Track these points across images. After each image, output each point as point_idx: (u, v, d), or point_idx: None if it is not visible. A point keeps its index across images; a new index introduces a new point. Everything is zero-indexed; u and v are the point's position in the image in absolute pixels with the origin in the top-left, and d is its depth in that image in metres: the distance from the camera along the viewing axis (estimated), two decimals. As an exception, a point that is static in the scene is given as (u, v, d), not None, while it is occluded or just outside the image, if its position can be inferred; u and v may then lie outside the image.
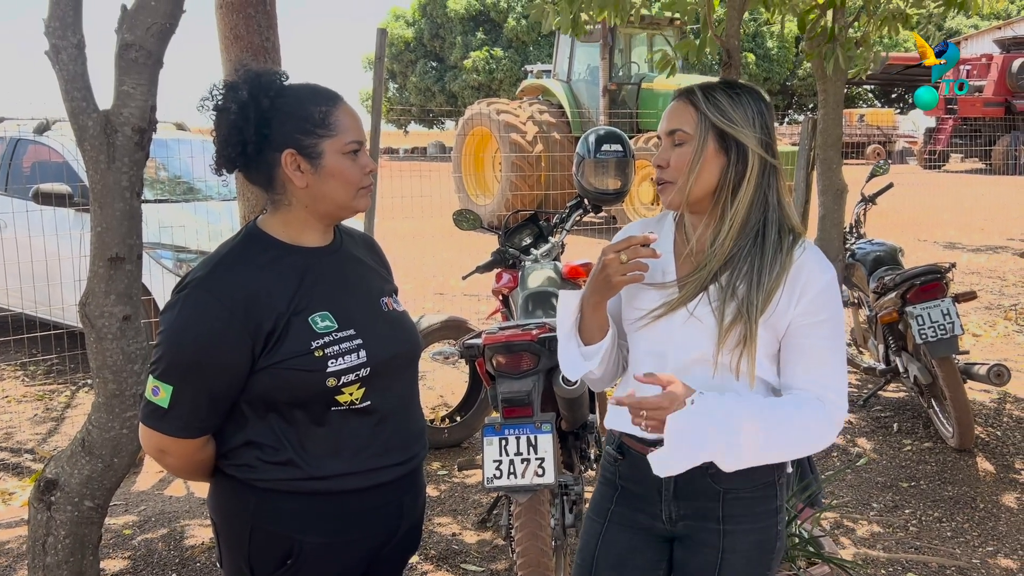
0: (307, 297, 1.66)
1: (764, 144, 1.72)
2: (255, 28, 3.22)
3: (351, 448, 1.68)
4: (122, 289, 2.55)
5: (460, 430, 4.69)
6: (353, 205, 1.72)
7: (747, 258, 1.69)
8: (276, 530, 1.67)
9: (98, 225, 2.51)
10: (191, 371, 1.59)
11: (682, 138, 1.72)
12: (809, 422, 1.67)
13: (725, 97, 1.71)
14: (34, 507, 2.62)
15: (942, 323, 4.38)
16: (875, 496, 4.05)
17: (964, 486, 4.13)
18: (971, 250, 11.31)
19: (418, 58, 37.41)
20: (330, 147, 1.65)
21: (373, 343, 1.70)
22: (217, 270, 1.64)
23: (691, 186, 1.70)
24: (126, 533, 3.68)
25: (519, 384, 2.73)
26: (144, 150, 2.53)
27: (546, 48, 32.86)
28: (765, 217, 1.71)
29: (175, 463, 1.68)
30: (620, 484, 1.86)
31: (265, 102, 1.62)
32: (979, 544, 3.60)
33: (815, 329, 1.69)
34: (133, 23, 2.44)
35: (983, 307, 7.86)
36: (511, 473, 2.65)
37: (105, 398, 2.59)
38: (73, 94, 2.42)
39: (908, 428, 4.90)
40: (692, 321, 1.71)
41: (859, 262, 5.16)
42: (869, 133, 28.66)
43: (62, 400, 5.48)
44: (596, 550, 1.88)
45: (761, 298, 1.66)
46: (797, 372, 1.71)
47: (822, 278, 1.70)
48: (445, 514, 3.87)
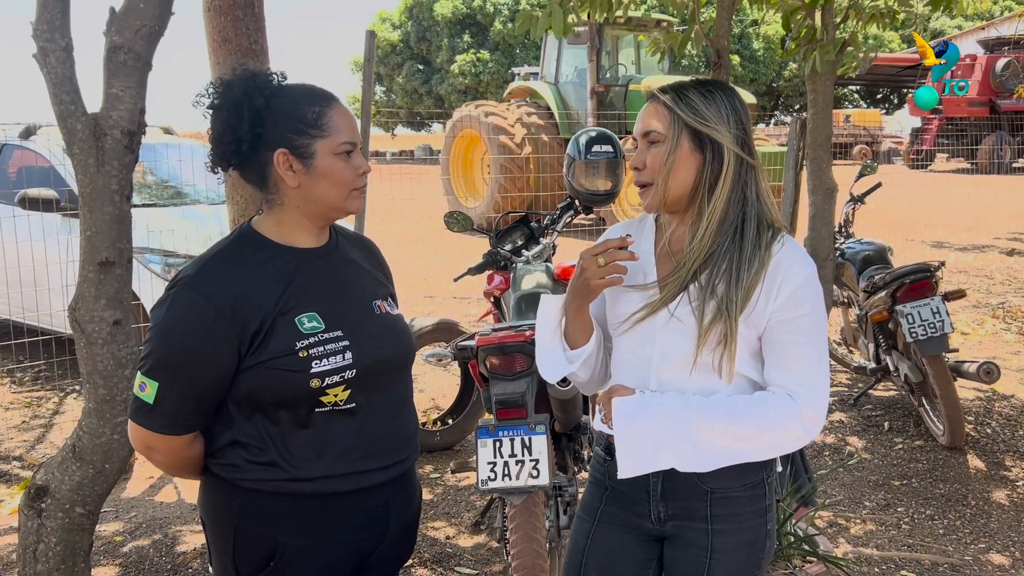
0: (295, 297, 1.66)
1: (739, 141, 1.72)
2: (243, 31, 3.20)
3: (335, 450, 1.67)
4: (112, 293, 2.52)
5: (452, 433, 4.67)
6: (345, 206, 1.71)
7: (726, 255, 1.69)
8: (259, 530, 1.66)
9: (88, 229, 2.48)
10: (177, 368, 1.59)
11: (656, 138, 1.73)
12: (773, 417, 1.67)
13: (697, 96, 1.71)
14: (24, 514, 2.59)
15: (932, 321, 4.40)
16: (867, 494, 4.06)
17: (955, 483, 4.15)
18: (958, 249, 11.38)
19: (404, 61, 37.36)
20: (322, 147, 1.64)
21: (361, 345, 1.69)
22: (207, 269, 1.64)
23: (668, 186, 1.71)
24: (116, 540, 3.65)
25: (513, 385, 2.72)
26: (134, 153, 2.51)
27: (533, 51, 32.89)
28: (744, 213, 1.71)
29: (162, 459, 1.68)
30: (609, 484, 1.86)
31: (260, 101, 1.62)
32: (971, 541, 3.61)
33: (792, 324, 1.69)
34: (121, 25, 2.42)
35: (971, 305, 7.91)
36: (506, 475, 2.64)
37: (96, 403, 2.56)
38: (61, 97, 2.40)
39: (899, 426, 4.92)
40: (673, 322, 1.71)
41: (848, 261, 5.17)
42: (855, 133, 28.81)
43: (49, 407, 5.43)
44: (585, 549, 1.88)
45: (740, 296, 1.66)
46: (774, 368, 1.72)
47: (800, 273, 1.70)
48: (438, 517, 3.85)
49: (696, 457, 1.68)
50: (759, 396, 1.71)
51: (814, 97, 4.37)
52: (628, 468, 1.70)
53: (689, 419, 1.66)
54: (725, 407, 1.68)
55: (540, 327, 1.83)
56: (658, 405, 1.68)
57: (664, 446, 1.67)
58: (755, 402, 1.69)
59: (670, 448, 1.67)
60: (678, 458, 1.68)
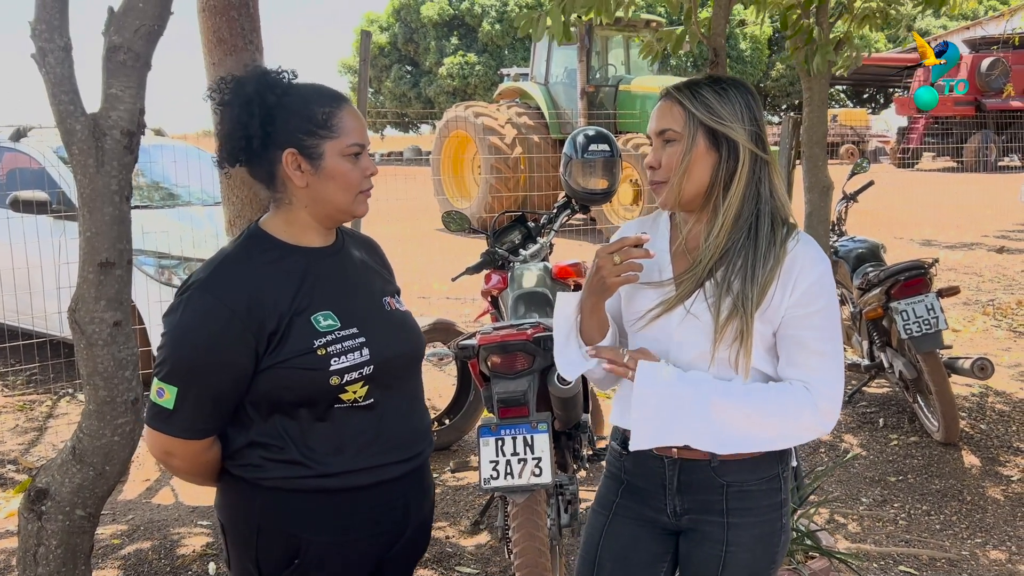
0: (309, 297, 1.66)
1: (754, 137, 1.72)
2: (239, 31, 3.19)
3: (355, 446, 1.67)
4: (112, 294, 2.51)
5: (449, 433, 4.67)
6: (352, 209, 1.71)
7: (741, 252, 1.69)
8: (282, 529, 1.66)
9: (87, 230, 2.47)
10: (195, 373, 1.59)
11: (672, 137, 1.72)
12: (790, 407, 1.68)
13: (712, 94, 1.71)
14: (24, 517, 2.57)
15: (926, 318, 4.42)
16: (864, 491, 4.08)
17: (951, 479, 4.17)
18: (947, 247, 11.45)
19: (392, 63, 37.34)
20: (331, 148, 1.64)
21: (376, 342, 1.69)
22: (218, 271, 1.64)
23: (683, 185, 1.71)
24: (115, 543, 3.63)
25: (515, 384, 2.72)
26: (133, 154, 2.49)
27: (521, 52, 32.92)
28: (758, 210, 1.72)
29: (181, 465, 1.67)
30: (625, 478, 1.87)
31: (271, 99, 1.62)
32: (968, 536, 3.64)
33: (807, 320, 1.70)
34: (121, 25, 2.41)
35: (961, 303, 7.95)
36: (508, 473, 2.64)
37: (96, 405, 2.54)
38: (60, 97, 2.38)
39: (894, 423, 4.94)
40: (689, 319, 1.71)
41: (842, 259, 5.20)
42: (843, 133, 28.88)
43: (43, 410, 5.40)
44: (600, 542, 1.88)
45: (756, 292, 1.67)
46: (789, 365, 1.72)
47: (815, 270, 1.71)
48: (438, 517, 3.84)
49: (711, 437, 1.68)
50: (778, 385, 1.72)
51: (810, 96, 4.40)
52: (643, 438, 1.69)
53: (711, 397, 1.67)
54: (745, 391, 1.69)
55: (557, 325, 1.83)
56: (681, 377, 1.69)
57: (682, 419, 1.67)
58: (774, 391, 1.71)
59: (687, 423, 1.67)
60: (694, 434, 1.68)
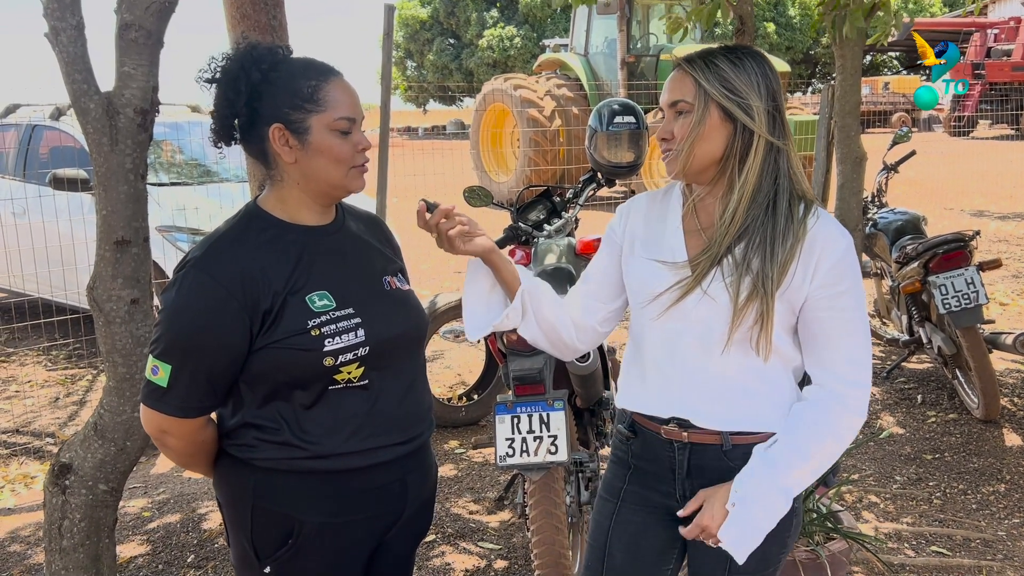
0: (305, 276, 1.64)
1: (770, 110, 1.66)
2: (262, 7, 3.17)
3: (350, 427, 1.66)
4: (129, 272, 2.53)
5: (477, 408, 4.67)
6: (345, 184, 1.67)
7: (760, 229, 1.63)
8: (276, 509, 1.66)
9: (103, 208, 2.49)
10: (189, 350, 1.58)
11: (684, 108, 1.66)
12: (834, 433, 1.65)
13: (727, 64, 1.65)
14: (49, 491, 2.62)
15: (966, 292, 4.29)
16: (898, 469, 3.99)
17: (990, 457, 4.06)
18: (999, 217, 11.11)
19: (434, 36, 37.20)
20: (318, 122, 1.61)
21: (373, 322, 1.67)
22: (214, 249, 1.63)
23: (694, 154, 1.65)
24: (145, 516, 3.70)
25: (530, 361, 2.70)
26: (147, 131, 2.50)
27: (562, 23, 32.53)
28: (777, 185, 1.65)
29: (176, 444, 1.67)
30: (632, 463, 1.83)
31: (256, 75, 1.59)
32: (1005, 516, 3.54)
33: (836, 301, 1.63)
34: (132, 3, 2.40)
35: (1011, 275, 7.72)
36: (524, 451, 2.62)
37: (116, 382, 2.58)
38: (74, 76, 2.40)
39: (932, 400, 4.82)
40: (706, 300, 1.65)
41: (881, 232, 5.06)
42: (894, 101, 28.17)
43: (83, 384, 5.52)
44: (609, 531, 1.84)
45: (776, 271, 1.60)
46: (820, 349, 1.66)
47: (838, 247, 1.64)
48: (462, 493, 3.85)
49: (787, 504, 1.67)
50: (811, 417, 1.66)
51: (842, 64, 4.26)
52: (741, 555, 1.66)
53: (778, 484, 1.64)
54: (797, 450, 1.64)
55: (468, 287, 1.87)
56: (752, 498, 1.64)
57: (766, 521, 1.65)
58: (813, 426, 1.65)
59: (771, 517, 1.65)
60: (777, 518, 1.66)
